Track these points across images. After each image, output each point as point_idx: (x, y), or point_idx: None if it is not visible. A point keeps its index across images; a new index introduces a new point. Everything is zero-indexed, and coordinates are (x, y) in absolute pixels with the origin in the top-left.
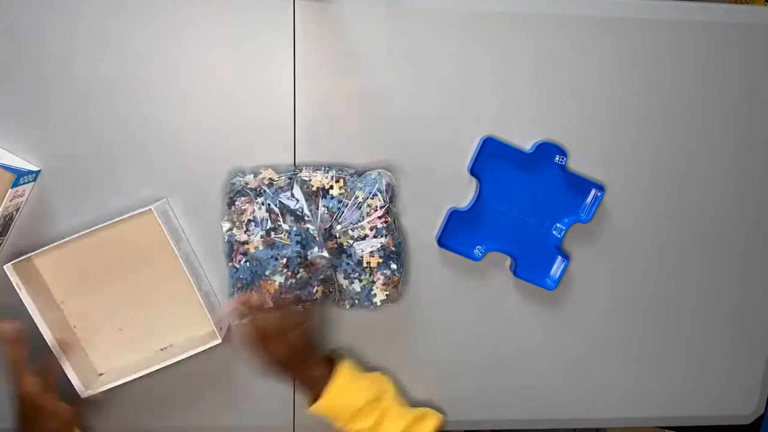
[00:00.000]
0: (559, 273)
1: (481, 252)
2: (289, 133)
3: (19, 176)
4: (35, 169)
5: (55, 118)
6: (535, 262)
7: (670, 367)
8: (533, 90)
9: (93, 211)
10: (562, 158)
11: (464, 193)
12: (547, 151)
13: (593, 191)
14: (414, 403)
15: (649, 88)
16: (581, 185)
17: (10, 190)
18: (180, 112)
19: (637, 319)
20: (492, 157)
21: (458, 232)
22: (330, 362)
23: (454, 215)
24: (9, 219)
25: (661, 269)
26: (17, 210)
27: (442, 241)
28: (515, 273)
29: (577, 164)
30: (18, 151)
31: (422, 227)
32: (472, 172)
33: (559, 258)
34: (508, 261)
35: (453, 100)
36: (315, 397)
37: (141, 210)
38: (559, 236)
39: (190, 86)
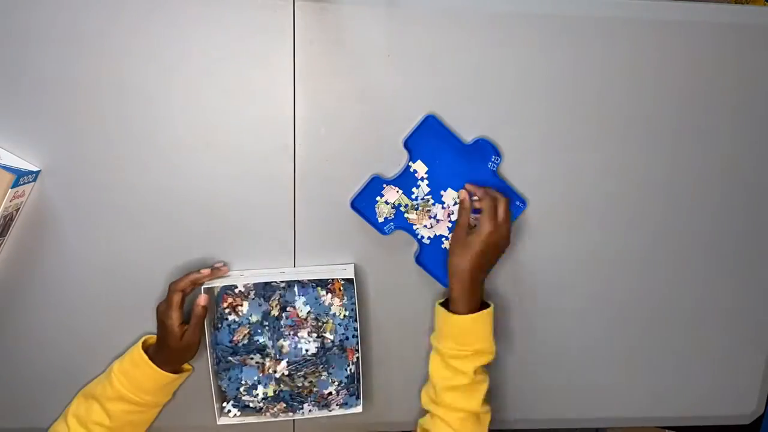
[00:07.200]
0: None
1: (390, 228)
2: (289, 133)
3: (19, 176)
4: (35, 169)
5: (55, 118)
6: (441, 254)
7: (670, 367)
8: (534, 90)
9: (93, 211)
10: (497, 159)
11: (394, 163)
12: (484, 148)
13: (516, 203)
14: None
15: (647, 89)
16: (505, 193)
17: (10, 190)
18: (179, 113)
19: (637, 319)
20: (429, 137)
21: (374, 201)
22: None
23: (374, 181)
24: (9, 219)
25: (660, 270)
26: (17, 210)
27: (354, 204)
28: (417, 260)
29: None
30: (18, 151)
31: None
32: (406, 145)
33: None
34: (415, 246)
35: (452, 99)
36: (464, 308)
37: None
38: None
39: (189, 87)
